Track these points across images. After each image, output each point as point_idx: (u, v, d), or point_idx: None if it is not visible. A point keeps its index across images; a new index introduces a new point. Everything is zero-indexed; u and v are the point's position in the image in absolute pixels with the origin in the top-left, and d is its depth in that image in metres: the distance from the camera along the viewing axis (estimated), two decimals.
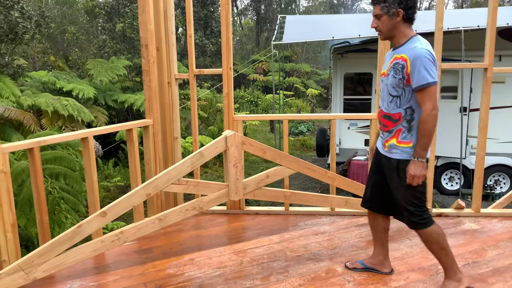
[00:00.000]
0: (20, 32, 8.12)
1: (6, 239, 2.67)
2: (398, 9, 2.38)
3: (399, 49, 2.45)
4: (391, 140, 2.52)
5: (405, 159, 2.47)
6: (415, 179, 2.41)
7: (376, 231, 2.86)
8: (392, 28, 2.44)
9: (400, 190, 2.51)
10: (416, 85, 2.34)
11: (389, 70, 2.47)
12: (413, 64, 2.32)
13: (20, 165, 4.43)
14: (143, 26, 3.42)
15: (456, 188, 9.10)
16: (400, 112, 2.45)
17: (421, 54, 2.31)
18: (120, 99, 9.14)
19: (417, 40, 2.41)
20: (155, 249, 3.29)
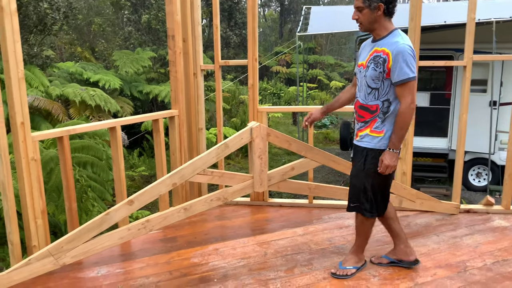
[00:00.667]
0: (48, 23, 8.27)
1: (36, 225, 2.73)
2: (379, 3, 2.41)
3: (380, 42, 2.49)
4: (365, 130, 2.59)
5: (373, 148, 2.55)
6: (388, 169, 2.50)
7: (386, 223, 2.88)
8: (372, 21, 2.47)
9: (360, 175, 2.60)
10: (397, 80, 2.40)
11: (368, 62, 2.51)
12: (395, 59, 2.38)
13: (49, 153, 4.53)
14: (169, 17, 3.43)
15: (483, 184, 8.89)
16: (377, 104, 2.51)
17: (404, 50, 2.37)
18: (145, 90, 9.24)
19: (398, 34, 2.46)
20: (179, 238, 3.32)
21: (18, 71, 2.55)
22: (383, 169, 2.50)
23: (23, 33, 8.08)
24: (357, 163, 2.63)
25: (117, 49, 12.27)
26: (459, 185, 3.77)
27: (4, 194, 2.61)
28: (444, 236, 3.32)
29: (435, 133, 9.14)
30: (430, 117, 9.05)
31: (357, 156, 2.63)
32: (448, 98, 9.12)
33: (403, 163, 3.68)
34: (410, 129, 3.62)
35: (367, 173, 2.58)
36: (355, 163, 2.66)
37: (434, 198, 3.72)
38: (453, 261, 2.94)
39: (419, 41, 3.49)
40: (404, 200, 3.52)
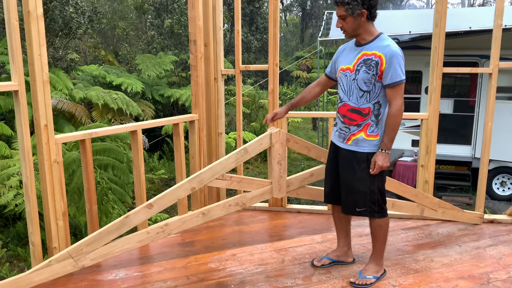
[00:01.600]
0: (74, 27, 8.44)
1: (57, 227, 2.77)
2: (362, 9, 2.44)
3: (368, 45, 2.52)
4: (359, 134, 2.59)
5: (373, 152, 2.58)
6: (381, 170, 2.56)
7: (341, 223, 2.93)
8: (356, 28, 2.50)
9: (366, 180, 2.60)
10: (390, 82, 2.46)
11: (358, 66, 2.52)
12: (389, 62, 2.43)
13: (71, 156, 4.61)
14: (192, 22, 3.45)
15: (508, 194, 8.67)
16: (369, 107, 2.55)
17: (397, 53, 2.43)
18: (166, 93, 9.32)
19: (387, 38, 2.51)
20: (197, 243, 3.32)
21: (43, 74, 2.59)
22: (376, 169, 2.55)
23: (49, 36, 8.27)
24: (358, 168, 2.61)
25: (140, 53, 12.44)
26: (483, 195, 3.67)
27: (26, 196, 2.65)
28: (467, 247, 3.24)
29: (458, 140, 8.96)
30: (453, 124, 8.88)
31: (355, 161, 2.62)
32: (472, 105, 8.93)
33: (426, 171, 3.61)
34: (434, 137, 3.55)
35: (373, 177, 2.61)
36: (353, 168, 2.63)
37: (456, 207, 3.63)
38: (476, 273, 2.86)
39: (443, 47, 3.42)
40: (426, 209, 3.45)
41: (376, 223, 2.71)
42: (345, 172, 2.67)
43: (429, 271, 2.88)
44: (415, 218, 3.73)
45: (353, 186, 2.64)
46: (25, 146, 2.57)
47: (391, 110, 2.50)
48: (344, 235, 2.95)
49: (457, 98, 9.21)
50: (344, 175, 2.68)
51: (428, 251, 3.17)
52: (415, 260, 3.04)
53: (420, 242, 3.32)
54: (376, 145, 2.58)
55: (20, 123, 2.56)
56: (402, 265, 2.97)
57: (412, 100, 9.19)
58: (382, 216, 2.69)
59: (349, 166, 2.65)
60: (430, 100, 3.53)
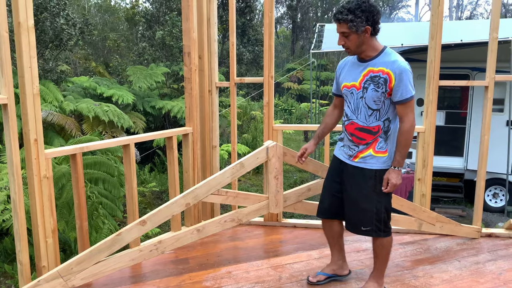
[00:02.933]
0: (64, 38, 8.35)
1: (46, 245, 2.67)
2: (366, 26, 2.35)
3: (373, 61, 2.42)
4: (367, 151, 2.53)
5: (381, 168, 2.52)
6: (394, 187, 2.49)
7: (333, 239, 2.86)
8: (360, 44, 2.42)
9: (373, 198, 2.53)
10: (401, 99, 2.38)
11: (365, 83, 2.44)
12: (399, 78, 2.35)
13: (61, 169, 4.50)
14: (186, 34, 3.40)
15: (500, 205, 8.68)
16: (379, 125, 2.48)
17: (406, 69, 2.36)
18: (158, 105, 9.23)
19: (392, 52, 2.44)
20: (191, 260, 3.23)
21: (33, 87, 2.52)
22: (390, 188, 2.48)
23: (39, 48, 8.16)
24: (365, 186, 2.53)
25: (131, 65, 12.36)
26: (481, 208, 3.63)
27: (15, 212, 2.55)
28: (466, 262, 3.19)
29: (450, 152, 8.99)
30: (445, 136, 8.91)
31: (362, 178, 2.54)
32: (464, 117, 8.98)
33: (423, 184, 3.57)
34: (430, 151, 3.52)
35: (380, 195, 2.54)
36: (360, 185, 2.55)
37: (454, 221, 3.59)
38: None
39: (439, 60, 3.41)
40: (424, 223, 3.40)
41: (379, 242, 2.63)
42: (351, 189, 2.59)
43: None
44: (412, 233, 3.68)
45: (359, 204, 2.56)
46: (14, 161, 2.48)
47: (403, 127, 2.42)
48: (338, 249, 2.88)
49: (449, 110, 9.26)
50: (350, 192, 2.60)
51: (427, 266, 3.12)
52: (415, 276, 2.98)
53: (419, 258, 3.26)
54: (384, 161, 2.51)
55: (8, 137, 2.47)
56: (402, 281, 2.90)
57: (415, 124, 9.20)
58: (387, 235, 2.61)
59: (355, 183, 2.57)
60: (427, 113, 3.50)
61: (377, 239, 2.62)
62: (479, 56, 8.11)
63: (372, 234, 2.59)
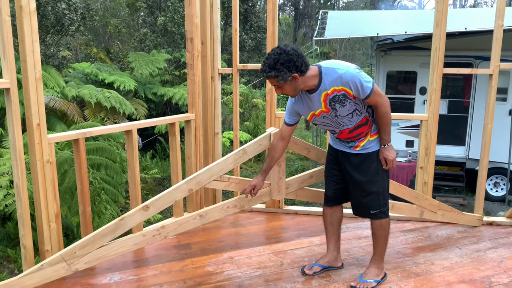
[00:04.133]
0: (66, 23, 8.30)
1: (50, 229, 2.68)
2: (292, 74, 2.34)
3: (321, 87, 2.43)
4: (366, 139, 2.59)
5: (378, 149, 2.60)
6: (394, 162, 2.59)
7: (333, 226, 2.87)
8: (296, 88, 2.43)
9: (378, 180, 2.61)
10: (365, 96, 2.42)
11: (330, 105, 2.46)
12: (354, 87, 2.37)
13: (63, 155, 4.51)
14: (188, 20, 3.37)
15: (501, 194, 8.70)
16: (365, 116, 2.53)
17: (352, 75, 2.36)
18: (159, 92, 9.21)
19: (329, 68, 2.40)
20: (194, 245, 3.25)
21: (36, 71, 2.51)
22: (389, 164, 2.58)
23: (41, 33, 8.11)
24: (369, 169, 2.60)
25: (132, 51, 12.30)
26: (482, 197, 3.64)
27: (18, 197, 2.56)
28: (467, 250, 3.21)
29: (452, 141, 8.97)
30: (447, 125, 8.90)
31: (366, 163, 2.61)
32: (467, 106, 8.95)
33: (425, 172, 3.57)
34: (433, 139, 3.52)
35: (382, 175, 2.63)
36: (364, 169, 2.60)
37: (456, 209, 3.60)
38: (477, 276, 2.83)
39: (444, 48, 3.38)
40: (425, 211, 3.41)
41: (377, 224, 2.67)
42: (356, 175, 2.62)
43: (430, 275, 2.84)
44: (414, 220, 3.69)
45: (367, 188, 2.61)
46: (17, 146, 2.48)
47: (379, 110, 2.49)
48: (335, 239, 2.89)
49: (452, 99, 9.23)
50: (355, 179, 2.63)
51: (428, 253, 3.13)
52: (416, 263, 2.99)
53: (420, 245, 3.28)
54: (378, 142, 2.60)
55: (11, 122, 2.47)
56: (403, 268, 2.92)
57: (406, 100, 9.18)
58: (387, 215, 2.68)
59: (360, 170, 2.61)
60: (430, 101, 3.49)
61: (375, 221, 2.67)
62: (483, 44, 8.06)
63: (381, 216, 2.64)
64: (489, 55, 3.40)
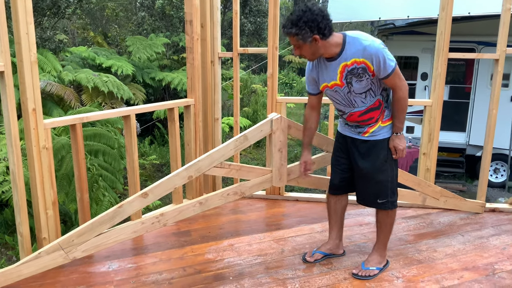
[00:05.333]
0: (62, 6, 8.15)
1: (47, 217, 2.64)
2: (313, 35, 2.26)
3: (342, 56, 2.36)
4: (377, 125, 2.51)
5: (389, 137, 2.52)
6: (404, 152, 2.50)
7: (337, 214, 2.82)
8: (315, 52, 2.36)
9: (387, 169, 2.54)
10: (385, 75, 2.34)
11: (345, 79, 2.38)
12: (376, 62, 2.30)
13: (60, 141, 4.44)
14: (188, 1, 3.27)
15: (501, 181, 8.69)
16: (378, 98, 2.46)
17: (377, 49, 2.29)
18: (158, 77, 9.10)
19: (355, 39, 2.33)
20: (193, 232, 3.21)
21: (31, 54, 2.43)
22: (399, 153, 2.50)
23: (36, 16, 7.97)
24: (378, 158, 2.51)
25: (129, 35, 12.13)
26: (485, 183, 3.60)
27: (14, 184, 2.51)
28: (470, 236, 3.18)
29: (453, 127, 8.92)
30: (448, 111, 8.82)
31: (375, 150, 2.52)
32: (468, 92, 8.87)
33: (428, 159, 3.53)
34: (437, 125, 3.46)
35: (391, 163, 2.55)
36: (373, 157, 2.52)
37: (458, 196, 3.56)
38: (480, 263, 2.80)
39: (450, 32, 3.30)
40: (428, 198, 3.37)
41: (384, 213, 2.62)
42: (364, 163, 2.54)
43: (433, 262, 2.81)
44: (416, 207, 3.66)
45: (374, 177, 2.54)
46: (12, 132, 2.42)
47: (397, 94, 2.41)
48: (338, 227, 2.85)
49: (453, 84, 9.15)
50: (362, 167, 2.55)
51: (431, 240, 3.10)
52: (418, 250, 2.96)
53: (422, 232, 3.25)
54: (391, 128, 2.51)
55: (6, 107, 2.40)
56: (405, 255, 2.89)
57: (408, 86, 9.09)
58: (395, 206, 2.62)
59: (368, 157, 2.53)
60: (434, 87, 3.42)
61: (386, 211, 2.61)
62: (486, 29, 7.95)
63: (389, 206, 2.58)
64: (491, 40, 3.34)
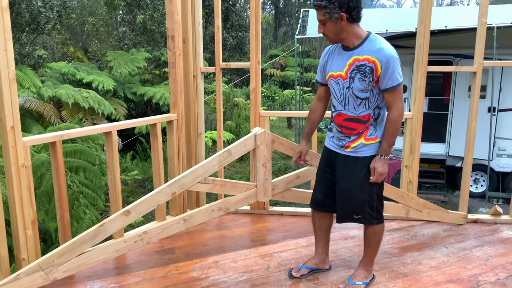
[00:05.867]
0: (42, 22, 8.07)
1: (26, 237, 2.56)
2: (340, 13, 2.26)
3: (358, 50, 2.35)
4: (359, 140, 2.47)
5: (373, 155, 2.46)
6: (381, 177, 2.44)
7: (322, 231, 2.79)
8: (338, 32, 2.34)
9: (365, 187, 2.48)
10: (388, 87, 2.32)
11: (351, 73, 2.37)
12: (385, 67, 2.28)
13: (40, 158, 4.35)
14: (169, 17, 3.27)
15: (481, 191, 8.83)
16: (369, 113, 2.42)
17: (392, 56, 2.28)
18: (139, 91, 9.05)
19: (377, 39, 2.35)
20: (177, 250, 3.16)
21: (9, 71, 2.38)
22: (376, 177, 2.43)
23: (15, 31, 7.87)
24: (358, 175, 2.47)
25: (110, 50, 12.06)
26: (467, 195, 3.64)
27: None
28: (453, 248, 3.20)
29: (433, 138, 9.06)
30: (427, 123, 8.96)
31: (354, 167, 2.49)
32: (446, 104, 9.05)
33: (410, 171, 3.56)
34: (418, 137, 3.50)
35: (372, 183, 2.48)
36: (352, 174, 2.49)
37: (441, 207, 3.60)
38: (464, 275, 2.82)
39: (428, 45, 3.37)
40: (411, 210, 3.39)
41: (371, 229, 2.60)
42: (343, 179, 2.52)
43: (418, 275, 2.81)
44: (399, 219, 3.67)
45: (352, 194, 2.50)
46: None
47: (391, 115, 2.37)
48: (324, 242, 2.82)
49: (432, 96, 9.32)
50: (342, 182, 2.53)
51: (415, 253, 3.11)
52: (403, 263, 2.97)
53: (406, 244, 3.26)
54: (376, 148, 2.46)
55: None
56: (390, 268, 2.89)
57: None
58: (379, 222, 2.58)
59: (347, 173, 2.50)
60: (415, 99, 3.47)
61: (369, 226, 2.59)
62: (463, 42, 8.16)
63: (365, 222, 2.55)
64: (468, 53, 3.41)
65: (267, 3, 30.34)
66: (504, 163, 8.50)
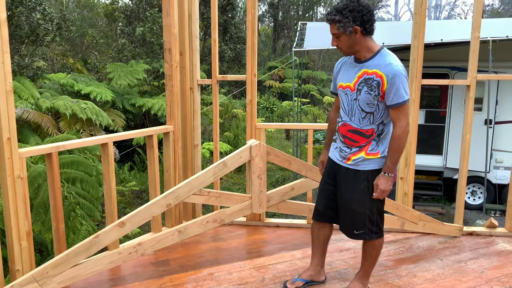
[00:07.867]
0: (41, 34, 8.13)
1: (21, 248, 2.56)
2: (354, 26, 2.30)
3: (368, 63, 2.38)
4: (359, 154, 2.48)
5: (374, 169, 2.47)
6: (384, 194, 2.44)
7: (319, 241, 2.79)
8: (352, 45, 2.37)
9: (366, 200, 2.48)
10: (393, 103, 2.33)
11: (359, 85, 2.40)
12: (391, 82, 2.30)
13: (37, 169, 4.36)
14: (167, 30, 3.31)
15: (478, 203, 8.83)
16: (373, 128, 2.44)
17: (399, 72, 2.30)
18: (138, 103, 9.08)
19: (388, 54, 2.38)
20: (172, 261, 3.16)
21: (6, 83, 2.40)
22: (378, 194, 2.43)
23: (15, 43, 7.93)
24: (358, 188, 2.48)
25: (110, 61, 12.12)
26: (462, 207, 3.66)
27: None
28: (448, 261, 3.20)
29: (430, 150, 9.09)
30: (424, 135, 9.02)
31: (355, 180, 2.50)
32: (443, 116, 9.10)
33: (405, 183, 3.58)
34: (413, 149, 3.52)
35: (371, 196, 2.48)
36: (352, 187, 2.50)
37: (436, 220, 3.61)
38: None
39: (422, 59, 3.41)
40: (406, 222, 3.40)
41: (370, 243, 2.60)
42: (344, 191, 2.54)
43: (413, 287, 2.81)
44: (394, 231, 3.68)
45: (351, 207, 2.51)
46: None
47: (396, 132, 2.36)
48: (320, 254, 2.82)
49: (428, 109, 9.37)
50: (342, 195, 2.55)
51: (410, 265, 3.12)
52: (398, 275, 2.97)
53: (402, 257, 3.26)
54: (377, 162, 2.45)
55: None
56: (385, 281, 2.89)
57: None
58: (379, 237, 2.58)
59: (348, 186, 2.52)
60: (409, 112, 3.49)
61: (370, 241, 2.58)
62: (459, 55, 8.23)
63: (365, 238, 2.55)
64: (464, 66, 3.44)
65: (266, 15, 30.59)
66: (501, 175, 8.52)
